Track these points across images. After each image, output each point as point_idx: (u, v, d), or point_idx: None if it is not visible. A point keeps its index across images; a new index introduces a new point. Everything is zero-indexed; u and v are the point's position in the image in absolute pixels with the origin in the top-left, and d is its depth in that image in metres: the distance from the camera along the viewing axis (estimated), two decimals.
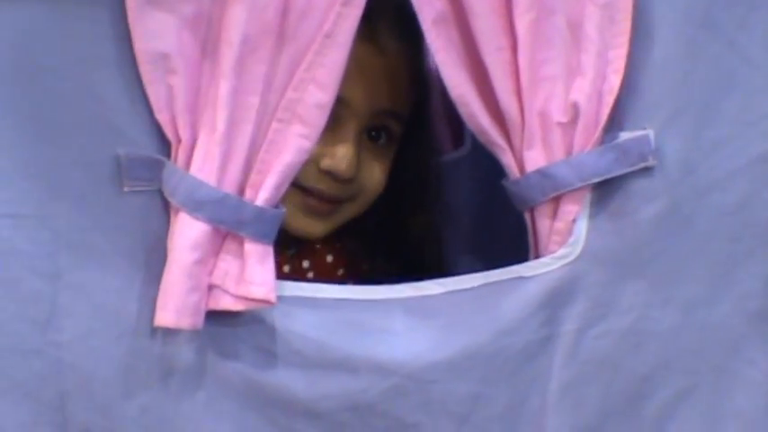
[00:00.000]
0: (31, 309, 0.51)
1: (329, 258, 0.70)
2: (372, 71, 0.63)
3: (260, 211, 0.51)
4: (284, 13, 0.51)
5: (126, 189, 0.51)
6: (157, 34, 0.50)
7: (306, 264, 0.70)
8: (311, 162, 0.59)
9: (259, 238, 0.51)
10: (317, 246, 0.70)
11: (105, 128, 0.51)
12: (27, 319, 0.51)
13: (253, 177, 0.51)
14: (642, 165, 0.53)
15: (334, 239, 0.69)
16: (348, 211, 0.66)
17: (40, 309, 0.51)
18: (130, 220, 0.52)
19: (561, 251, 0.54)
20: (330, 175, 0.62)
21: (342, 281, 0.70)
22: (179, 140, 0.51)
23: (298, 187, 0.61)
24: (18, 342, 0.51)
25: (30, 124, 0.50)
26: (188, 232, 0.50)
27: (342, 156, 0.62)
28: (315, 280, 0.68)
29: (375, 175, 0.66)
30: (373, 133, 0.66)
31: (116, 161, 0.51)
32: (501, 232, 0.67)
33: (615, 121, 0.54)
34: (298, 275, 0.67)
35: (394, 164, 0.68)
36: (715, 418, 0.56)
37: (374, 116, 0.64)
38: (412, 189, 0.72)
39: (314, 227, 0.65)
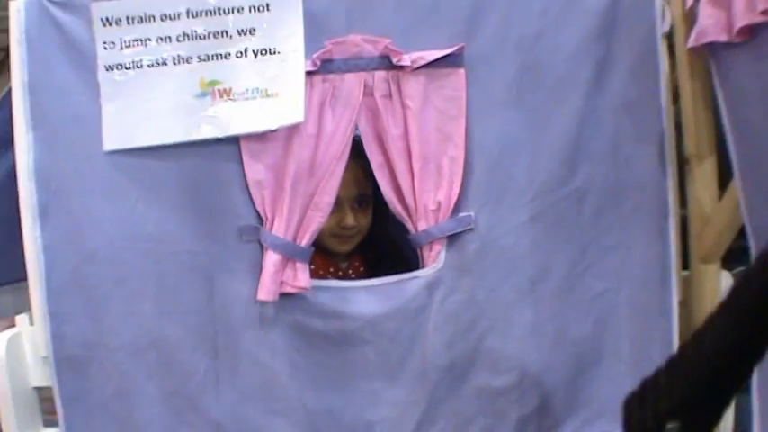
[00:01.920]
0: (199, 292, 1.19)
1: (356, 263, 1.39)
2: (349, 182, 1.30)
3: (303, 249, 1.19)
4: (311, 165, 1.19)
5: (243, 239, 1.20)
6: (256, 171, 1.18)
7: (349, 269, 1.39)
8: (336, 224, 1.30)
9: (303, 261, 1.19)
10: (351, 260, 1.39)
11: (235, 215, 1.20)
12: (196, 297, 1.19)
13: (300, 234, 1.20)
14: (469, 227, 1.21)
15: (355, 256, 1.39)
16: (357, 239, 1.36)
17: (201, 287, 1.19)
18: (245, 254, 1.20)
19: (434, 265, 1.22)
20: (346, 227, 1.32)
21: (360, 274, 1.38)
22: (267, 218, 1.20)
23: (335, 235, 1.32)
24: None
25: (206, 215, 1.19)
26: (273, 258, 1.18)
27: (348, 219, 1.31)
28: (352, 275, 1.37)
29: (364, 221, 1.35)
30: (356, 205, 1.34)
31: (239, 228, 1.20)
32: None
33: (456, 208, 1.22)
34: (345, 274, 1.36)
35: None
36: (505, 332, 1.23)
37: (355, 199, 1.32)
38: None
39: (345, 248, 1.36)
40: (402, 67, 1.20)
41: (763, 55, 1.02)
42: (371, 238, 1.39)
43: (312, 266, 1.29)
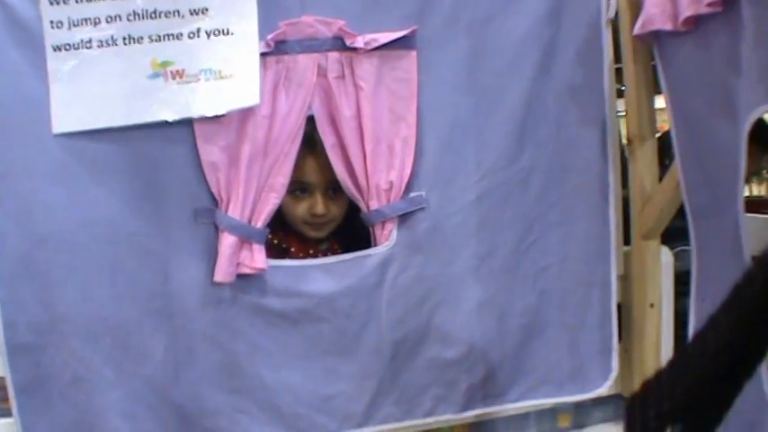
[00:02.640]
0: (156, 274, 1.19)
1: (335, 246, 1.39)
2: (320, 167, 1.30)
3: (259, 230, 1.20)
4: (265, 146, 1.20)
5: (198, 221, 1.20)
6: (210, 153, 1.18)
7: (328, 251, 1.38)
8: (307, 211, 1.30)
9: (259, 242, 1.20)
10: (330, 243, 1.39)
11: (189, 196, 1.20)
12: (154, 279, 1.19)
13: (255, 216, 1.21)
14: (420, 206, 1.25)
15: (333, 240, 1.39)
16: (331, 226, 1.36)
17: (156, 269, 1.19)
18: (200, 236, 1.21)
19: (386, 243, 1.25)
20: (316, 215, 1.31)
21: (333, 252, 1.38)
22: (222, 199, 1.20)
23: (307, 223, 1.32)
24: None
25: (161, 197, 1.19)
26: (229, 240, 1.19)
27: (318, 207, 1.31)
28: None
29: (336, 210, 1.34)
30: (329, 192, 1.33)
31: (194, 210, 1.20)
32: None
33: (408, 188, 1.25)
34: (324, 256, 1.34)
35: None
36: (455, 307, 1.29)
37: (326, 185, 1.31)
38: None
39: (320, 234, 1.36)
40: (355, 49, 1.21)
41: (706, 44, 1.08)
42: (350, 223, 1.38)
43: (292, 249, 1.31)
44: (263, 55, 1.17)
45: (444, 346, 1.28)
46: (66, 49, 1.15)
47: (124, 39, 1.16)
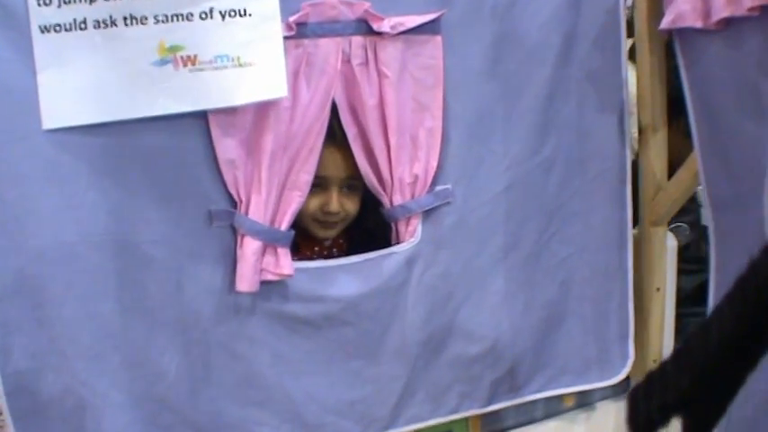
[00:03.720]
0: (166, 284, 1.07)
1: (340, 240, 1.29)
2: (338, 161, 1.19)
3: (284, 233, 1.10)
4: (287, 140, 1.09)
5: (214, 225, 1.08)
6: (228, 149, 1.06)
7: (333, 246, 1.28)
8: (319, 208, 1.19)
9: (284, 246, 1.10)
10: (335, 238, 1.28)
11: (203, 197, 1.07)
12: (163, 290, 1.07)
13: (278, 217, 1.10)
14: (446, 200, 1.20)
15: (340, 236, 1.28)
16: (343, 225, 1.25)
17: (167, 279, 1.07)
18: (215, 240, 1.09)
19: (411, 240, 1.19)
20: (329, 213, 1.21)
21: (344, 251, 1.28)
22: (241, 200, 1.09)
23: (317, 220, 1.21)
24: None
25: (170, 199, 1.05)
26: (252, 246, 1.08)
27: (332, 204, 1.20)
28: (336, 253, 1.27)
29: (351, 207, 1.23)
30: (345, 189, 1.22)
31: (209, 212, 1.08)
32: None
33: (434, 181, 1.19)
34: (329, 252, 1.27)
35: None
36: (479, 302, 1.25)
37: (344, 181, 1.20)
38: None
39: (327, 234, 1.25)
40: (380, 34, 1.11)
41: (736, 45, 1.08)
42: (357, 220, 1.29)
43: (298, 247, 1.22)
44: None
45: (468, 342, 1.25)
46: (55, 31, 0.98)
47: (125, 19, 1.00)
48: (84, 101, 1.00)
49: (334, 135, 1.15)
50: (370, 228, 1.28)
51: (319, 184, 1.18)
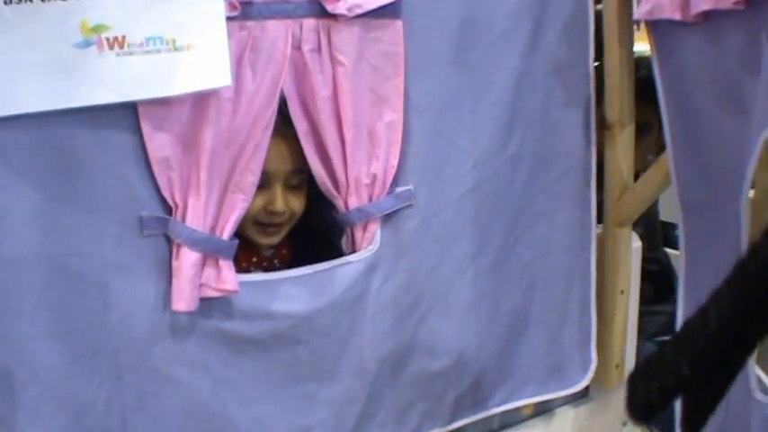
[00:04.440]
0: (92, 302, 0.92)
1: (283, 251, 1.16)
2: (281, 153, 1.06)
3: (226, 243, 0.97)
4: (229, 135, 0.95)
5: (144, 234, 0.93)
6: (161, 146, 0.92)
7: (274, 258, 1.15)
8: (262, 208, 1.05)
9: (227, 257, 0.97)
10: (278, 247, 1.16)
11: (133, 201, 0.92)
12: (89, 309, 0.92)
13: (220, 224, 0.97)
14: (408, 203, 1.08)
15: (281, 243, 1.15)
16: (287, 227, 1.12)
17: (92, 297, 0.92)
18: (148, 251, 0.94)
19: (369, 247, 1.07)
20: (274, 213, 1.07)
21: (288, 262, 1.16)
22: (177, 205, 0.94)
23: (259, 223, 1.07)
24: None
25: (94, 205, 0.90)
26: (190, 258, 0.94)
27: (277, 203, 1.06)
28: (278, 264, 1.15)
29: (297, 205, 1.10)
30: (290, 184, 1.08)
31: (140, 219, 0.93)
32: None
33: (394, 182, 1.08)
34: (269, 263, 1.14)
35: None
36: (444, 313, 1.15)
37: (288, 175, 1.07)
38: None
39: (271, 240, 1.11)
40: (334, 16, 0.99)
41: (716, 39, 1.02)
42: (302, 222, 1.16)
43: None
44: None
45: (431, 358, 1.14)
46: None
47: None
48: None
49: (276, 123, 1.01)
50: (315, 228, 1.16)
51: (261, 181, 1.03)
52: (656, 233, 1.67)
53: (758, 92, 0.98)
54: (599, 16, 1.21)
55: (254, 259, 1.15)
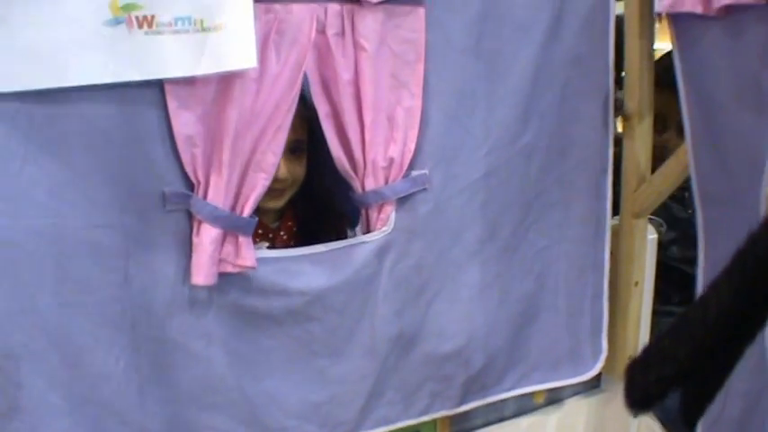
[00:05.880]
0: (113, 274, 0.95)
1: (288, 222, 1.22)
2: None
3: (246, 220, 0.99)
4: (252, 116, 0.98)
5: (167, 208, 0.96)
6: (186, 124, 0.94)
7: (280, 230, 1.20)
8: None
9: (246, 234, 0.99)
10: (283, 219, 1.20)
11: (156, 178, 0.95)
12: (109, 281, 0.95)
13: (240, 202, 0.99)
14: (423, 187, 1.10)
15: (286, 214, 1.22)
16: (290, 193, 1.18)
17: (113, 269, 0.95)
18: (169, 226, 0.97)
19: (383, 228, 1.10)
20: (277, 179, 1.09)
21: (293, 233, 1.21)
22: (199, 182, 0.97)
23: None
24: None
25: (119, 178, 0.93)
26: (210, 234, 0.97)
27: (280, 170, 1.10)
28: (284, 235, 1.20)
29: (298, 171, 1.18)
30: (290, 153, 1.14)
31: (162, 194, 0.96)
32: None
33: (410, 165, 1.10)
34: (276, 236, 1.19)
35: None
36: (453, 296, 1.17)
37: (289, 145, 1.08)
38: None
39: (276, 203, 1.17)
40: (359, 2, 1.01)
41: (737, 34, 1.02)
42: (303, 190, 1.21)
43: None
44: None
45: (441, 339, 1.17)
46: None
47: None
48: (22, 63, 0.86)
49: None
50: (316, 195, 1.22)
51: None
52: None
53: None
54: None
55: (260, 231, 1.18)
